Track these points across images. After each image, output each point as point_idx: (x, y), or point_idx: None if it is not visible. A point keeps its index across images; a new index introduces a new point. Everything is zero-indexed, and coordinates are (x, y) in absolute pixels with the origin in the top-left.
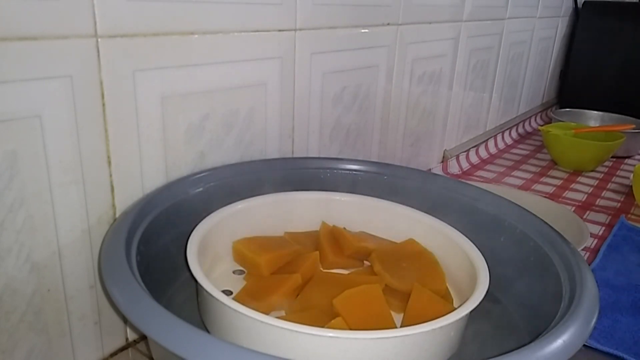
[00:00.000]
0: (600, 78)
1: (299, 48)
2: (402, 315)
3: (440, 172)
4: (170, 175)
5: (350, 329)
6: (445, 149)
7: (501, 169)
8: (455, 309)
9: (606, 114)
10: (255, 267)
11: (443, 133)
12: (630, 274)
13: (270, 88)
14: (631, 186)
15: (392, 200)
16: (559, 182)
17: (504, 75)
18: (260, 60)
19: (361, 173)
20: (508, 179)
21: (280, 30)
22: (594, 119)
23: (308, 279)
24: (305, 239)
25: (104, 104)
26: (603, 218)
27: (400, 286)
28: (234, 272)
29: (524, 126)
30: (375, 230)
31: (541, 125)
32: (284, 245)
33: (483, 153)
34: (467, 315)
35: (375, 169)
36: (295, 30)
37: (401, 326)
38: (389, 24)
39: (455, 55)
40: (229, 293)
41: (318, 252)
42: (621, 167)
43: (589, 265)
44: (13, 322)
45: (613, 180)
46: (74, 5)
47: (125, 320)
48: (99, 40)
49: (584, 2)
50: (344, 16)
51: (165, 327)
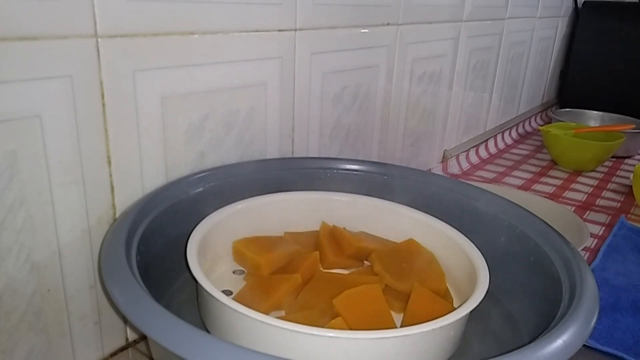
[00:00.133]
0: (600, 78)
1: (299, 48)
2: (402, 315)
3: (440, 172)
4: (170, 175)
5: (350, 329)
6: (445, 149)
7: (501, 169)
8: (455, 309)
9: (606, 114)
10: (255, 267)
11: (443, 133)
12: (630, 274)
13: (270, 88)
14: (631, 186)
15: (392, 200)
16: (559, 182)
17: (504, 75)
18: (260, 60)
19: (361, 173)
20: (508, 179)
21: (280, 30)
22: (594, 119)
23: (308, 279)
24: (305, 239)
25: (104, 104)
26: (603, 218)
27: (400, 286)
28: (234, 272)
29: (524, 126)
30: (375, 230)
31: (541, 125)
32: (284, 245)
33: (483, 153)
34: (467, 315)
35: (375, 169)
36: (295, 30)
37: (401, 326)
38: (389, 24)
39: (455, 55)
40: (229, 293)
41: (318, 252)
42: (621, 167)
43: (589, 265)
44: (13, 322)
45: (613, 180)
46: (74, 5)
47: (125, 320)
48: (99, 40)
49: (584, 2)
50: (344, 16)
51: (165, 327)
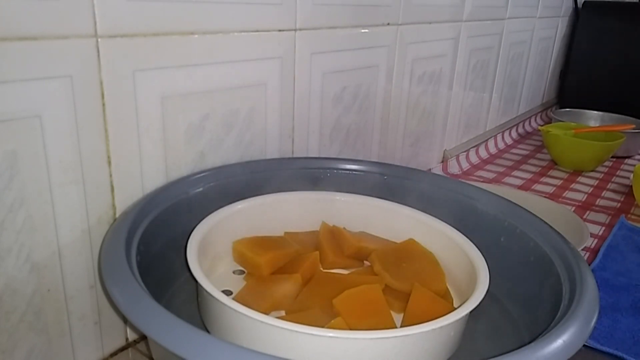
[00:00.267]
0: (600, 78)
1: (299, 48)
2: (402, 315)
3: (440, 172)
4: (170, 175)
5: (350, 329)
6: (445, 149)
7: (501, 169)
8: (455, 309)
9: (606, 114)
10: (255, 267)
11: (443, 133)
12: (630, 274)
13: (270, 88)
14: (631, 186)
15: (392, 200)
16: (559, 182)
17: (504, 75)
18: (260, 60)
19: (361, 173)
20: (508, 179)
21: (280, 30)
22: (594, 119)
23: (308, 279)
24: (305, 239)
25: (104, 104)
26: (603, 218)
27: (400, 286)
28: (234, 272)
29: (524, 126)
30: (375, 230)
31: (541, 125)
32: (284, 245)
33: (483, 153)
34: (467, 315)
35: (375, 169)
36: (295, 30)
37: (401, 326)
38: (389, 24)
39: (455, 55)
40: (229, 293)
41: (318, 252)
42: (621, 167)
43: (589, 265)
44: (13, 322)
45: (613, 180)
46: (74, 5)
47: (125, 320)
48: (99, 40)
49: (584, 2)
50: (344, 16)
51: (165, 327)
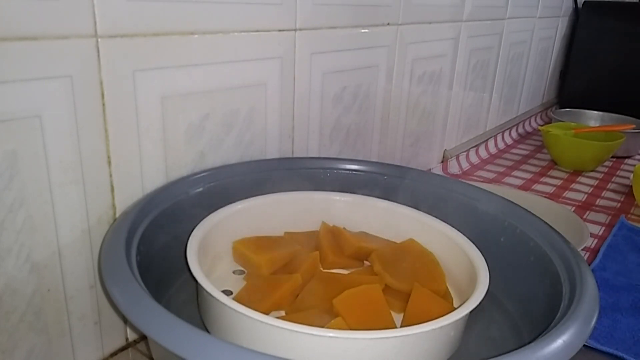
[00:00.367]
0: (600, 78)
1: (299, 48)
2: (402, 315)
3: (440, 172)
4: (170, 175)
5: (350, 329)
6: (445, 149)
7: (501, 169)
8: (455, 309)
9: (606, 114)
10: (255, 267)
11: (443, 133)
12: (630, 274)
13: (270, 88)
14: (631, 186)
15: (392, 200)
16: (559, 182)
17: (504, 75)
18: (260, 60)
19: (361, 173)
20: (508, 179)
21: (280, 30)
22: (594, 119)
23: (308, 279)
24: (305, 239)
25: (104, 104)
26: (603, 218)
27: (400, 286)
28: (234, 272)
29: (524, 126)
30: (375, 230)
31: (541, 125)
32: (284, 245)
33: (483, 153)
34: (467, 315)
35: (375, 169)
36: (295, 30)
37: (401, 326)
38: (389, 24)
39: (455, 55)
40: (229, 293)
41: (318, 252)
42: (621, 167)
43: (589, 265)
44: (13, 322)
45: (613, 180)
46: (74, 5)
47: (125, 320)
48: (99, 40)
49: (584, 2)
50: (344, 16)
51: (165, 327)
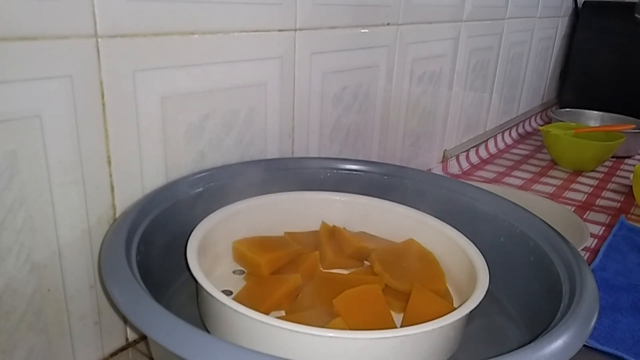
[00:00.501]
0: (600, 78)
1: (299, 48)
2: (402, 315)
3: (440, 172)
4: (170, 175)
5: (350, 329)
6: (445, 149)
7: (501, 169)
8: (455, 309)
9: (606, 114)
10: (255, 267)
11: (443, 133)
12: (630, 274)
13: (270, 88)
14: (631, 186)
15: (392, 200)
16: (559, 182)
17: (504, 75)
18: (260, 60)
19: (361, 173)
20: (508, 179)
21: (280, 30)
22: (594, 119)
23: (308, 279)
24: (305, 239)
25: (104, 104)
26: (603, 218)
27: (400, 286)
28: (234, 272)
29: (524, 126)
30: (375, 230)
31: (541, 125)
32: (284, 245)
33: (483, 153)
34: (467, 315)
35: (375, 169)
36: (295, 30)
37: (401, 326)
38: (389, 24)
39: (455, 55)
40: (229, 293)
41: (318, 252)
42: (621, 167)
43: (589, 265)
44: (13, 322)
45: (613, 180)
46: (74, 5)
47: (125, 320)
48: (99, 40)
49: (584, 2)
50: (344, 16)
51: (165, 327)
